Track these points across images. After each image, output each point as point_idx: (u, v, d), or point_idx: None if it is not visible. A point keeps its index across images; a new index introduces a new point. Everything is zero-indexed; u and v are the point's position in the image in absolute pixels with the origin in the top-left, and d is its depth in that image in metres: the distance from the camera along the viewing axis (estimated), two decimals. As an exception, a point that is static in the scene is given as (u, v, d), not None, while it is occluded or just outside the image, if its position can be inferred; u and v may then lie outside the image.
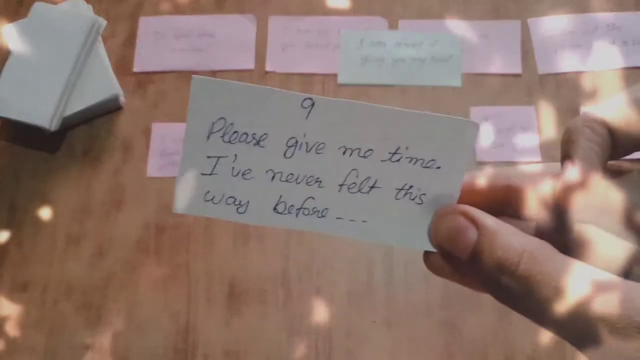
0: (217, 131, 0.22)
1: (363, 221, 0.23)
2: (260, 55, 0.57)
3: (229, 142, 0.22)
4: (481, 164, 0.52)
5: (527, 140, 0.53)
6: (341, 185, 0.23)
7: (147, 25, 0.58)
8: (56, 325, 0.49)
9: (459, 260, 0.21)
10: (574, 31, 0.56)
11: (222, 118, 0.22)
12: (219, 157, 0.23)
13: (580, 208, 0.20)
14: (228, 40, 0.57)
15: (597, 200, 0.20)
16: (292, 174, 0.23)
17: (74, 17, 0.55)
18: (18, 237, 0.51)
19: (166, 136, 0.54)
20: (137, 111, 0.56)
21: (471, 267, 0.20)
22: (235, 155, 0.22)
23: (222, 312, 0.48)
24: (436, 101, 0.55)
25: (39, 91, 0.52)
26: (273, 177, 0.23)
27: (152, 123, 0.55)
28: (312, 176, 0.23)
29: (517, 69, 0.55)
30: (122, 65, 0.57)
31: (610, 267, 0.20)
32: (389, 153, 0.22)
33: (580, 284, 0.17)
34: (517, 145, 0.53)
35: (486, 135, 0.53)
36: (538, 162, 0.52)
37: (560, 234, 0.21)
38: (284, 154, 0.22)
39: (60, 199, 0.52)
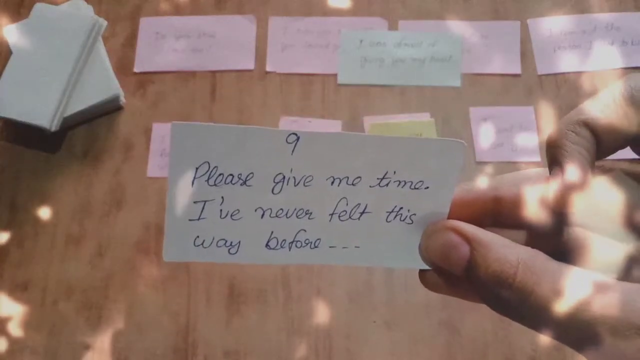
0: (202, 176, 0.22)
1: (356, 247, 0.23)
2: (260, 56, 0.57)
3: (215, 185, 0.22)
4: (481, 163, 0.52)
5: (527, 140, 0.53)
6: (331, 214, 0.23)
7: (147, 25, 0.58)
8: (56, 325, 0.48)
9: (454, 276, 0.21)
10: (573, 31, 0.57)
11: (206, 162, 0.21)
12: (206, 201, 0.22)
13: (577, 210, 0.20)
14: (228, 40, 0.57)
15: (592, 202, 0.20)
16: (281, 209, 0.22)
17: (75, 18, 0.55)
18: (18, 236, 0.51)
19: (166, 136, 0.54)
20: (137, 111, 0.56)
21: (467, 282, 0.20)
22: (222, 197, 0.22)
23: (222, 312, 0.48)
24: (436, 101, 0.55)
25: (40, 91, 0.52)
26: (263, 215, 0.22)
27: (152, 123, 0.55)
28: (302, 209, 0.23)
29: (517, 69, 0.55)
30: (123, 65, 0.57)
31: (609, 269, 0.20)
32: (377, 178, 0.22)
33: (578, 288, 0.17)
34: (517, 145, 0.53)
35: (486, 136, 0.53)
36: (536, 164, 0.52)
37: (556, 239, 0.21)
38: (272, 191, 0.22)
39: (61, 198, 0.53)
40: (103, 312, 0.49)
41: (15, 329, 0.48)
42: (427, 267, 0.23)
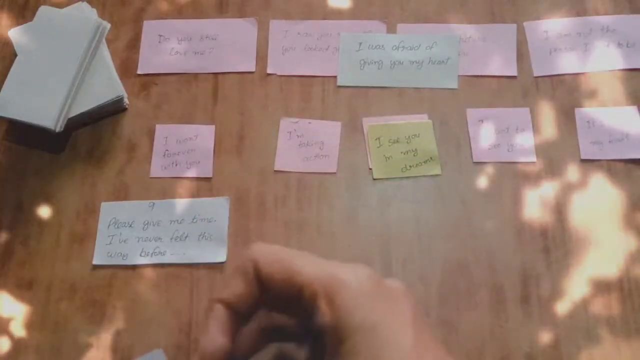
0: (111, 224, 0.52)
1: (183, 254, 0.50)
2: (261, 58, 0.58)
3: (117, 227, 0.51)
4: (478, 164, 0.53)
5: (523, 141, 0.54)
6: (171, 238, 0.50)
7: (150, 28, 0.59)
8: (60, 323, 0.49)
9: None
10: (569, 34, 0.57)
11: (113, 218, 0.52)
12: (113, 235, 0.51)
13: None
14: (230, 43, 0.58)
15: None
16: (147, 237, 0.50)
17: (79, 21, 0.55)
18: (23, 236, 0.52)
19: (169, 137, 0.55)
20: (140, 112, 0.56)
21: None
22: (120, 233, 0.51)
23: (224, 310, 0.49)
24: (433, 103, 0.55)
25: (45, 93, 0.52)
26: (138, 240, 0.51)
27: (155, 124, 0.56)
28: (157, 237, 0.50)
29: (513, 71, 0.56)
30: (126, 67, 0.58)
31: None
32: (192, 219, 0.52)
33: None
34: (513, 146, 0.54)
35: (483, 136, 0.54)
36: (532, 163, 0.53)
37: None
38: (142, 228, 0.51)
39: (65, 198, 0.53)
40: (106, 310, 0.49)
41: (19, 327, 0.49)
42: None
